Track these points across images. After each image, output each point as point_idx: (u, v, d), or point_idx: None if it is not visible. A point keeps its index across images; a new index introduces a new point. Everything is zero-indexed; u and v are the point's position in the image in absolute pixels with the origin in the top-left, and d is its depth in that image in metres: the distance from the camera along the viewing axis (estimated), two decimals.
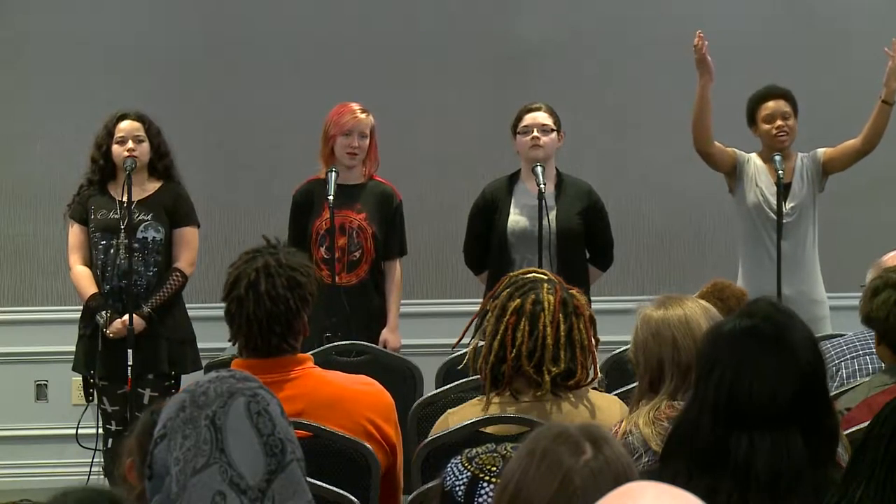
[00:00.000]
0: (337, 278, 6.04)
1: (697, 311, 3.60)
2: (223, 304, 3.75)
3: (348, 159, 6.16)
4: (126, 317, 5.94)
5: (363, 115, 6.18)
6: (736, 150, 6.43)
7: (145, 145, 6.08)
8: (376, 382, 3.91)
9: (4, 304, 7.45)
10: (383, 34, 7.49)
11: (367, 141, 6.18)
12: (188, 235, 6.15)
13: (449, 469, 2.88)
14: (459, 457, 2.90)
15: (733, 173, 6.41)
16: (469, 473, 2.85)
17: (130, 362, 5.89)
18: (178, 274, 6.07)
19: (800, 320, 2.87)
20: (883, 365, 4.24)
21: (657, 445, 3.32)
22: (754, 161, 6.42)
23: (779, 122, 6.31)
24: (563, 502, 2.16)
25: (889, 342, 4.12)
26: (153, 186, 6.13)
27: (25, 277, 7.46)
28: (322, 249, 6.13)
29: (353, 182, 6.19)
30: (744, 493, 2.70)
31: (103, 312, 5.98)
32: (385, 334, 6.16)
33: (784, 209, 6.29)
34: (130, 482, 2.72)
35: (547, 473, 2.17)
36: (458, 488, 2.82)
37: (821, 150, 6.47)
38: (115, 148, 6.05)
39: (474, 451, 2.92)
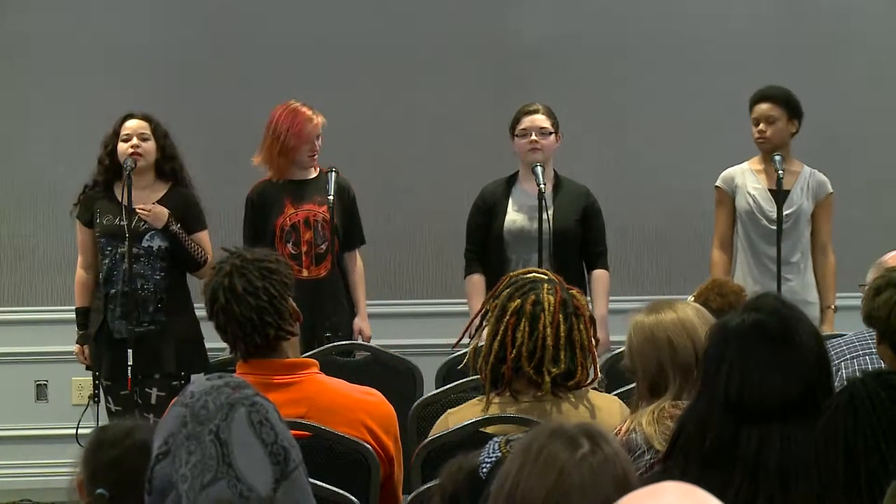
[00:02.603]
0: (306, 272, 6.07)
1: (689, 313, 3.60)
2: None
3: (310, 161, 6.25)
4: (155, 210, 5.94)
5: (318, 118, 6.25)
6: (719, 184, 6.42)
7: (150, 143, 6.06)
8: (379, 393, 3.91)
9: (4, 304, 7.45)
10: (383, 34, 7.49)
11: (319, 140, 6.25)
12: (204, 238, 6.14)
13: (487, 445, 2.88)
14: (500, 438, 2.90)
15: (732, 197, 6.40)
16: (499, 454, 2.85)
17: (130, 362, 5.88)
18: (205, 254, 6.05)
19: (804, 314, 2.89)
20: (883, 365, 4.23)
21: (660, 444, 3.32)
22: (744, 169, 6.41)
23: (760, 127, 6.30)
24: (559, 499, 2.15)
25: (890, 342, 4.11)
26: (160, 192, 6.09)
27: (25, 277, 7.45)
28: (289, 246, 6.18)
29: (309, 177, 6.23)
30: (754, 487, 2.70)
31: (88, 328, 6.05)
32: (358, 323, 6.23)
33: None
34: (81, 497, 2.73)
35: (543, 470, 2.17)
36: (484, 466, 2.82)
37: (828, 189, 6.39)
38: (120, 146, 6.03)
39: (516, 436, 2.91)
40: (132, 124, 6.05)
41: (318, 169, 6.30)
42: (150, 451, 2.61)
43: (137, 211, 5.92)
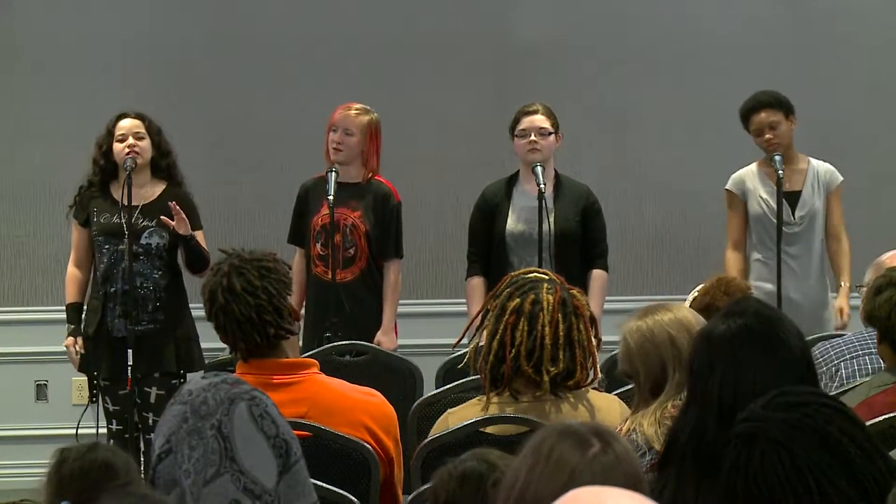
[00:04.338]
0: (332, 274, 6.07)
1: (685, 312, 3.62)
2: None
3: (333, 154, 6.21)
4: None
5: (353, 112, 6.22)
6: (729, 187, 6.42)
7: (146, 142, 6.06)
8: (379, 394, 3.91)
9: (4, 304, 7.45)
10: (383, 34, 7.49)
11: (354, 138, 6.19)
12: (200, 238, 6.13)
13: None
14: None
15: (743, 200, 6.41)
16: None
17: (130, 362, 5.88)
18: (208, 254, 6.03)
19: (784, 314, 2.92)
20: (883, 365, 4.23)
21: (660, 445, 3.32)
22: (753, 173, 6.42)
23: (766, 136, 6.31)
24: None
25: (890, 341, 4.12)
26: (157, 190, 6.09)
27: (25, 277, 7.45)
28: (318, 246, 6.18)
29: (351, 180, 6.21)
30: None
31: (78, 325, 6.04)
32: (379, 336, 6.17)
33: (794, 217, 6.30)
34: None
35: (554, 471, 2.16)
36: None
37: (839, 178, 6.43)
38: (116, 146, 6.02)
39: None
40: (126, 124, 6.05)
41: (369, 175, 6.25)
42: (111, 469, 2.61)
43: (173, 211, 5.90)
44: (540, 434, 2.23)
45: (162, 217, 5.94)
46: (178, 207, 5.91)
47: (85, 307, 6.16)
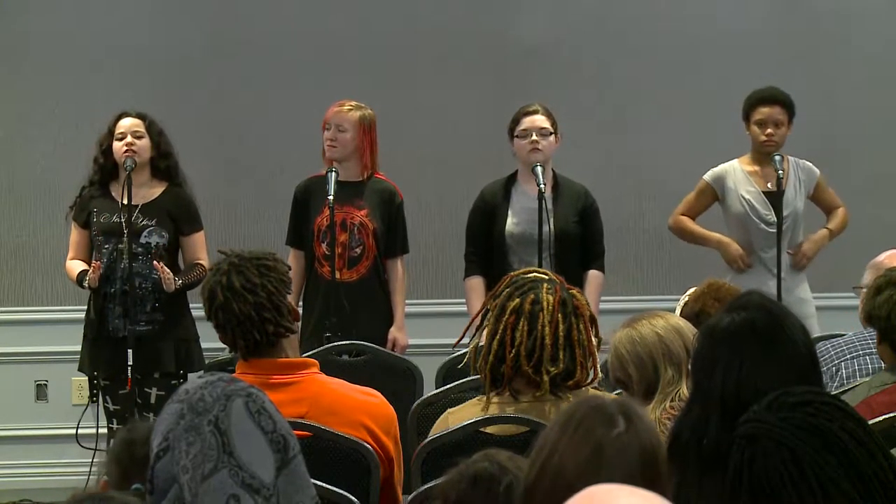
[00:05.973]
0: (338, 275, 6.06)
1: (671, 317, 3.70)
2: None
3: (327, 151, 6.23)
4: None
5: (346, 109, 6.24)
6: (708, 179, 6.45)
7: (145, 141, 6.07)
8: (380, 394, 3.92)
9: (4, 304, 7.45)
10: (383, 34, 7.49)
11: (347, 135, 6.20)
12: (199, 240, 6.14)
13: None
14: None
15: (718, 197, 6.44)
16: None
17: (130, 362, 5.89)
18: (202, 267, 6.04)
19: (788, 309, 2.91)
20: (883, 365, 4.23)
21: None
22: (735, 169, 6.42)
23: (769, 130, 6.31)
24: (592, 470, 2.23)
25: (890, 341, 4.12)
26: (157, 190, 6.11)
27: (25, 277, 7.45)
28: (323, 246, 6.18)
29: (352, 179, 6.22)
30: None
31: (87, 281, 5.99)
32: (393, 333, 6.20)
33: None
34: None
35: (580, 442, 2.25)
36: None
37: (817, 173, 6.46)
38: (115, 145, 6.04)
39: None
40: (126, 122, 6.06)
41: (369, 172, 6.26)
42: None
43: (157, 266, 5.92)
44: (572, 406, 2.33)
45: (155, 262, 5.94)
46: (161, 265, 5.92)
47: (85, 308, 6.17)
